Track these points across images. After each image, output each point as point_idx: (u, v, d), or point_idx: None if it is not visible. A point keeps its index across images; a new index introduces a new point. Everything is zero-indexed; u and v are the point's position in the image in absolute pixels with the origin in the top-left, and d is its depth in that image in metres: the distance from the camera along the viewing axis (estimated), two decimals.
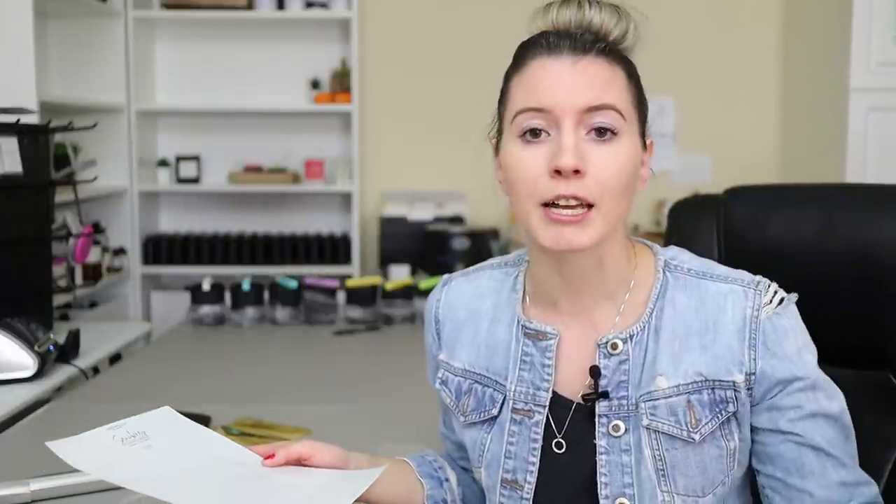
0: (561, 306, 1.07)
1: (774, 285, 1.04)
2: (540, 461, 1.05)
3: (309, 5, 4.02)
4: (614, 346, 1.03)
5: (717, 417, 1.00)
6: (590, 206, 0.97)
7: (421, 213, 3.95)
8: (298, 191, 4.12)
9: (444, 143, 4.19)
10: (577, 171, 0.95)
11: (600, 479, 1.02)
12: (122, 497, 1.41)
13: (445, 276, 1.20)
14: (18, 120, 2.30)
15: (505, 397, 1.08)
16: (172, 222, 4.30)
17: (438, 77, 4.18)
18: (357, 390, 2.09)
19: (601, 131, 0.97)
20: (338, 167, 4.08)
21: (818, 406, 1.01)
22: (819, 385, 1.02)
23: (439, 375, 1.16)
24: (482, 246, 3.75)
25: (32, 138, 2.32)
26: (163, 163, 4.13)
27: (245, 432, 1.70)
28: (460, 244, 3.73)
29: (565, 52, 0.98)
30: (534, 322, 1.07)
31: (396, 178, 4.23)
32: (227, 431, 1.71)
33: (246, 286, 2.75)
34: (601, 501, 1.02)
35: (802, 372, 1.01)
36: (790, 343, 1.01)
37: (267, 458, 1.05)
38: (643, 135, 1.03)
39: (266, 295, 2.80)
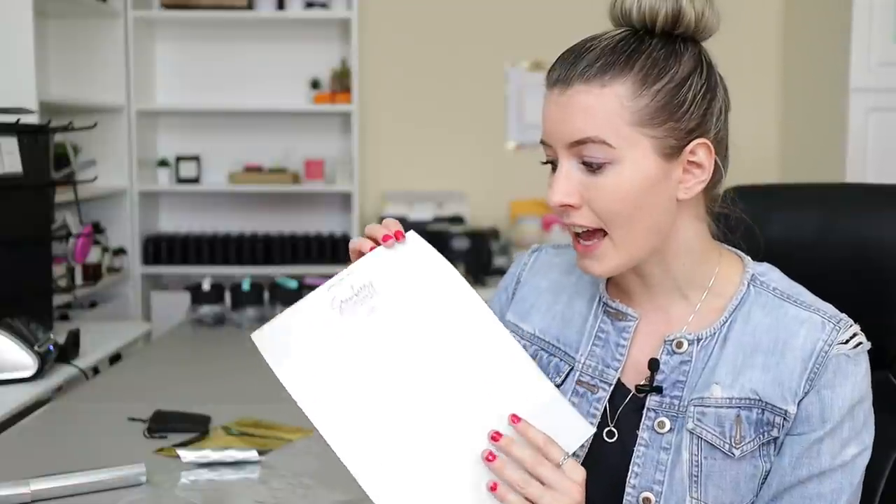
0: (638, 298, 1.08)
1: (856, 327, 1.01)
2: (591, 444, 1.05)
3: (309, 5, 4.02)
4: (679, 345, 1.03)
5: (760, 438, 0.99)
6: (604, 232, 0.99)
7: (421, 213, 3.95)
8: (298, 191, 4.12)
9: (444, 143, 4.20)
10: (570, 206, 0.98)
11: (632, 469, 1.02)
12: (122, 497, 1.41)
13: (535, 244, 1.23)
14: (18, 120, 2.30)
15: (572, 369, 1.09)
16: (172, 222, 4.30)
17: (439, 77, 4.18)
18: None
19: (588, 164, 0.98)
20: (338, 167, 4.08)
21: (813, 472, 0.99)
22: (839, 441, 0.99)
23: None
24: (482, 246, 3.75)
25: (32, 138, 2.33)
26: (163, 163, 4.13)
27: (245, 432, 1.71)
28: (460, 244, 3.73)
29: (555, 83, 0.99)
30: (616, 302, 1.09)
31: (396, 178, 4.23)
32: (227, 431, 1.71)
33: (246, 286, 2.75)
34: (627, 490, 1.02)
35: (839, 427, 0.99)
36: (846, 390, 0.99)
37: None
38: (677, 143, 1.00)
39: (266, 295, 2.80)
